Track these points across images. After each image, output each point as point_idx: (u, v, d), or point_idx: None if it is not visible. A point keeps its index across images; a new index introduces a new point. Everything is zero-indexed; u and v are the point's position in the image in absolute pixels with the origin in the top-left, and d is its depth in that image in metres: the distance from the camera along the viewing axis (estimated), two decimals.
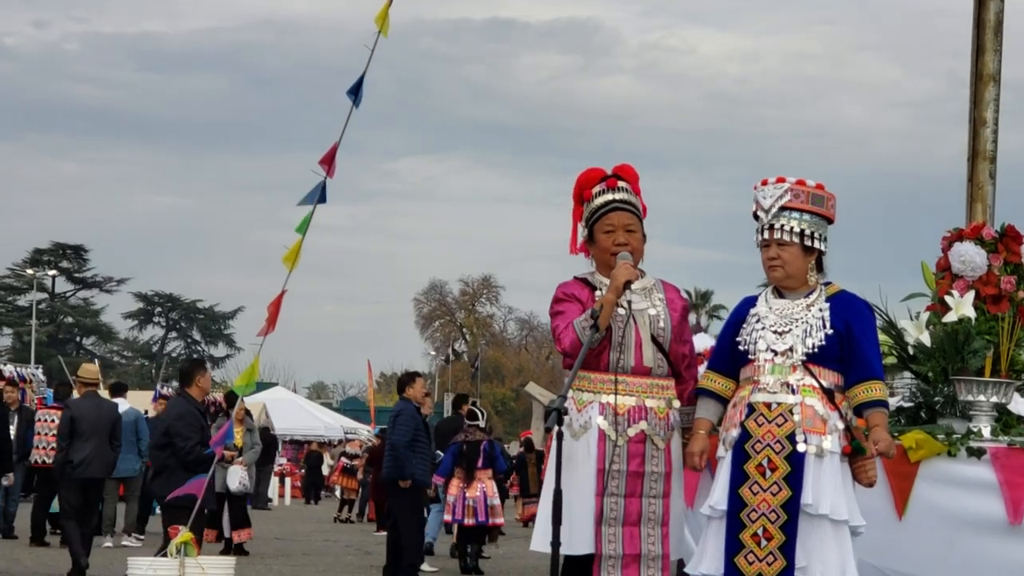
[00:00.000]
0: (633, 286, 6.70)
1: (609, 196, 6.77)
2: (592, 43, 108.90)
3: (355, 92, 9.32)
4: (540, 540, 6.69)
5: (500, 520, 17.55)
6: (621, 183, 6.81)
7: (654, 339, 6.69)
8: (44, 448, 18.63)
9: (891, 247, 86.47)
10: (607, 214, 6.74)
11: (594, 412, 6.60)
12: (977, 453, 7.43)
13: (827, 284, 6.62)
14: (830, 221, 6.62)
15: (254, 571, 15.61)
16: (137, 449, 19.33)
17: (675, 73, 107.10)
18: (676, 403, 6.76)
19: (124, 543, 18.93)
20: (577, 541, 6.53)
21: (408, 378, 15.70)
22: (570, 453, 6.59)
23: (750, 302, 6.71)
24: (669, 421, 6.70)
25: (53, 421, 18.14)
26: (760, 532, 6.36)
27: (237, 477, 17.72)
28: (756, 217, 6.65)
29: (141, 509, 20.24)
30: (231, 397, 19.96)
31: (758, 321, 6.58)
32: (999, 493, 7.38)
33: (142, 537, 19.59)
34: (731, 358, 6.66)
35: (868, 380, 6.44)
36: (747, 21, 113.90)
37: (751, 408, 6.48)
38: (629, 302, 6.61)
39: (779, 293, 6.64)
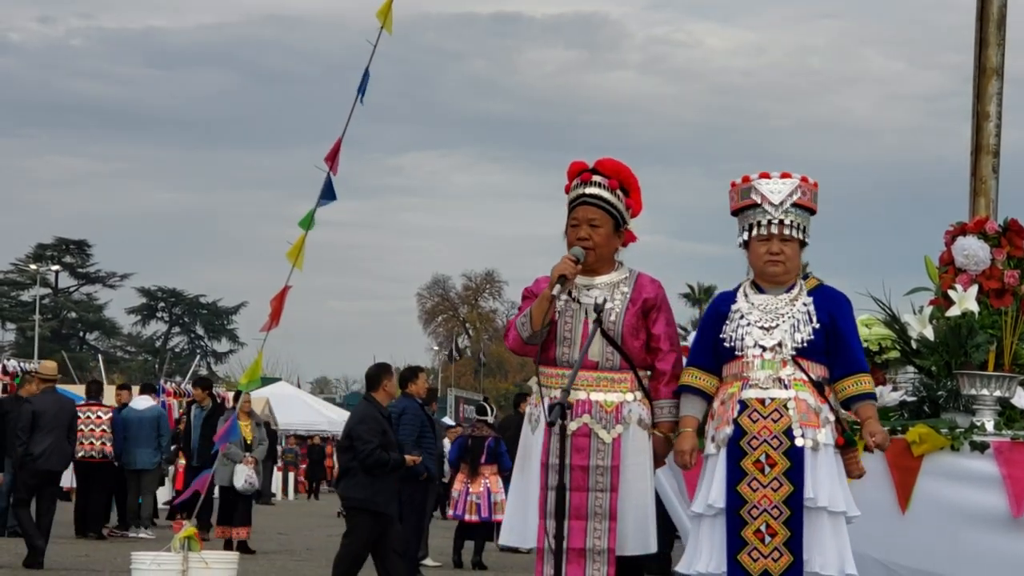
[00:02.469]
0: (600, 280, 6.68)
1: (580, 190, 6.72)
2: (598, 37, 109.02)
3: (361, 89, 9.32)
4: (505, 534, 6.78)
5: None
6: (596, 177, 6.71)
7: (605, 332, 6.63)
8: (81, 443, 19.31)
9: (895, 241, 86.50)
10: (575, 208, 6.71)
11: (544, 406, 6.55)
12: (980, 447, 7.44)
13: (805, 278, 6.65)
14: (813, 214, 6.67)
15: (257, 566, 15.62)
16: (157, 444, 19.98)
17: (680, 67, 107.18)
18: (631, 396, 6.65)
19: (142, 535, 19.06)
20: (530, 534, 6.57)
21: (410, 374, 15.66)
22: (528, 448, 6.67)
23: (728, 298, 6.67)
24: (620, 414, 6.62)
25: (89, 417, 19.22)
26: (763, 528, 6.34)
27: (244, 476, 17.74)
28: (743, 210, 6.60)
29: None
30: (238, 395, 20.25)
31: (742, 317, 6.56)
32: (1002, 487, 7.38)
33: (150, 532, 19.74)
34: (714, 354, 6.62)
35: (856, 373, 6.47)
36: (752, 15, 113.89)
37: (744, 404, 6.46)
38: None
39: (758, 288, 6.64)
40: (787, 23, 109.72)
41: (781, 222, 6.53)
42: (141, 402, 20.59)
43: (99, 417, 19.63)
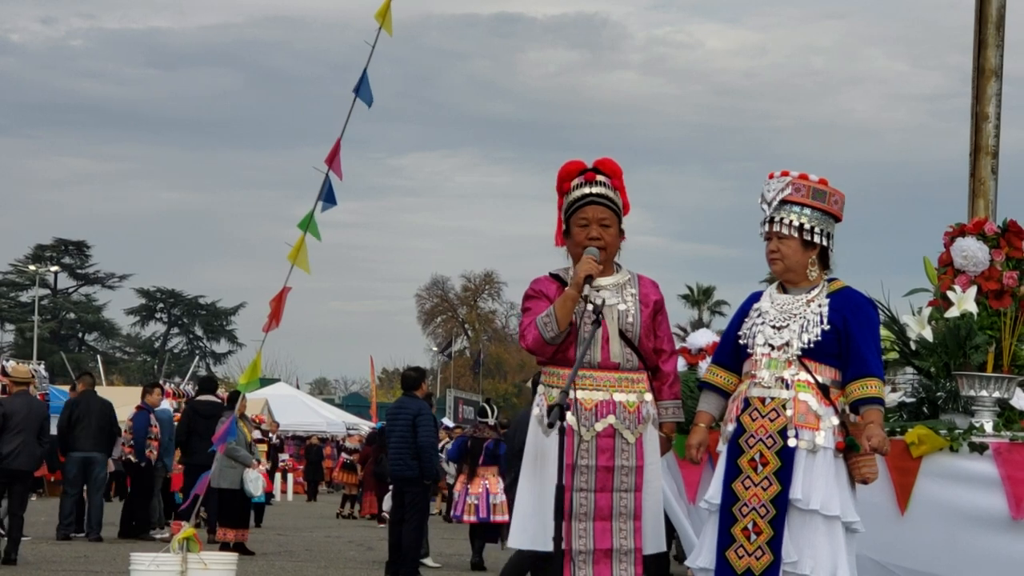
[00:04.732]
0: (606, 281, 6.69)
1: (586, 190, 6.73)
2: (599, 38, 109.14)
3: (360, 90, 9.30)
4: (517, 537, 6.71)
5: (503, 517, 17.47)
6: (600, 177, 6.75)
7: (622, 334, 6.67)
8: (130, 446, 20.04)
9: (895, 242, 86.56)
10: (582, 208, 6.71)
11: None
12: (979, 448, 7.43)
13: (832, 280, 6.59)
14: (837, 218, 6.58)
15: (256, 567, 15.61)
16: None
17: (682, 68, 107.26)
18: (648, 396, 6.71)
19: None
20: (549, 537, 6.51)
21: (420, 375, 15.63)
22: (543, 449, 6.61)
23: (756, 297, 6.71)
24: (640, 415, 6.67)
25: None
26: (750, 526, 6.36)
27: (261, 485, 17.78)
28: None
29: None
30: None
31: (759, 316, 6.58)
32: (1001, 488, 7.37)
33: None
34: (735, 352, 6.65)
35: (864, 377, 6.38)
36: (755, 15, 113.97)
37: (747, 403, 6.49)
38: (585, 297, 6.55)
39: (784, 288, 6.64)
40: (789, 24, 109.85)
41: (771, 219, 6.54)
42: (164, 403, 21.54)
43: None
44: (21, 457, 15.04)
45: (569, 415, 6.54)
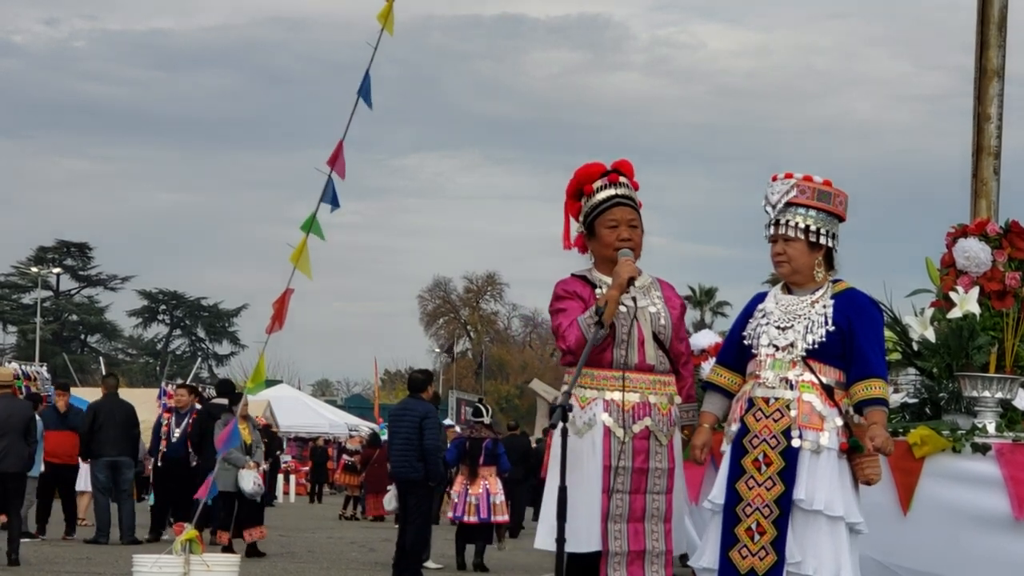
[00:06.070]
0: (635, 283, 6.72)
1: (612, 191, 6.77)
2: (602, 39, 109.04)
3: (365, 93, 9.30)
4: (544, 538, 6.66)
5: (504, 518, 17.51)
6: (622, 178, 6.82)
7: (655, 336, 6.70)
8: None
9: (897, 242, 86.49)
10: (610, 209, 6.74)
11: (598, 409, 6.59)
12: (982, 449, 7.43)
13: (836, 281, 6.60)
14: (841, 219, 6.60)
15: (259, 568, 15.60)
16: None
17: (685, 68, 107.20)
18: (677, 399, 6.78)
19: None
20: (585, 539, 6.50)
21: (428, 377, 15.61)
22: (574, 450, 6.57)
23: (760, 298, 6.72)
24: (671, 417, 6.72)
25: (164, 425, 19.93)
26: (753, 527, 6.37)
27: (252, 480, 17.74)
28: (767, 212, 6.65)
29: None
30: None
31: (764, 316, 6.59)
32: (1004, 489, 7.38)
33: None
34: (739, 353, 6.66)
35: (868, 378, 6.39)
36: (757, 16, 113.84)
37: (751, 403, 6.51)
38: (634, 299, 6.61)
39: (788, 289, 6.64)
40: (792, 24, 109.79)
41: (777, 222, 6.54)
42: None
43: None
44: (9, 459, 14.99)
45: (606, 416, 6.58)
